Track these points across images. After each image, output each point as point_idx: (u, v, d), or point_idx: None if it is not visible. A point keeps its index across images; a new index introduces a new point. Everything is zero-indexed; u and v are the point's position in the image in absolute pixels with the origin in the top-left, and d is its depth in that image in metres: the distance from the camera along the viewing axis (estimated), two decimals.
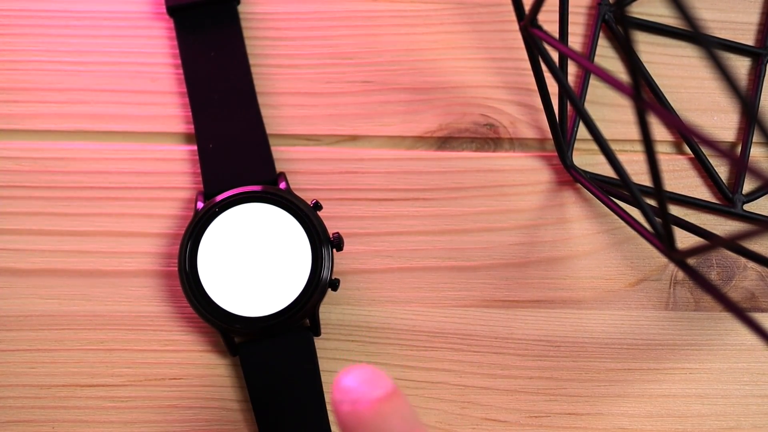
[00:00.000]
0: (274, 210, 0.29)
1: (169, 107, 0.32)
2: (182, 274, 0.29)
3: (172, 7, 0.31)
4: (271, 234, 0.29)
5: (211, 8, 0.31)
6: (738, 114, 0.33)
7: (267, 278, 0.29)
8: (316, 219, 0.29)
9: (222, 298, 0.28)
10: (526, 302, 0.31)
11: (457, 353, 0.31)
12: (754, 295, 0.32)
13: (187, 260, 0.29)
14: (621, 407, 0.31)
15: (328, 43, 0.33)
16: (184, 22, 0.31)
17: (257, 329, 0.28)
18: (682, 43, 0.33)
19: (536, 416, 0.30)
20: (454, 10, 0.33)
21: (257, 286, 0.29)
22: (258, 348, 0.29)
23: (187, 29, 0.31)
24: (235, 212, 0.29)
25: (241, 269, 0.29)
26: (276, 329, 0.29)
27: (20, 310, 0.30)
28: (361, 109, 0.32)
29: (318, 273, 0.29)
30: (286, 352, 0.29)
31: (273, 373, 0.29)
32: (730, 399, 0.31)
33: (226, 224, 0.29)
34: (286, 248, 0.29)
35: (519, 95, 0.33)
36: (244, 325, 0.28)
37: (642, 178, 0.32)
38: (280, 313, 0.28)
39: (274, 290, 0.29)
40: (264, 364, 0.29)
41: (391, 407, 0.21)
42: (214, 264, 0.29)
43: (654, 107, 0.20)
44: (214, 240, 0.29)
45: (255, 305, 0.28)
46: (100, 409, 0.30)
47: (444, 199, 0.32)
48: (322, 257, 0.29)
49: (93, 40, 0.32)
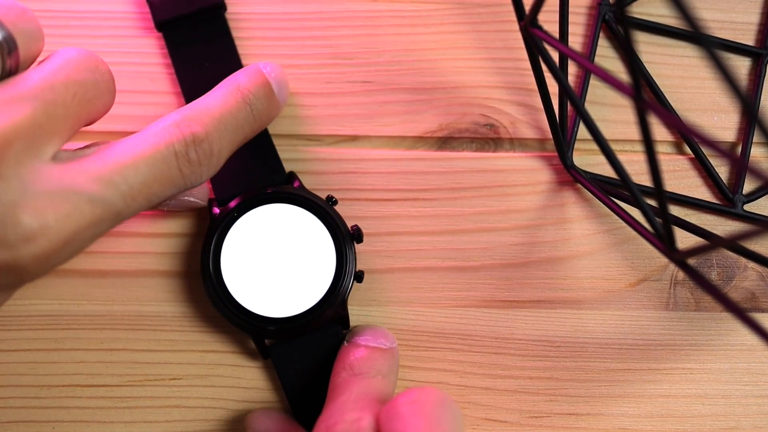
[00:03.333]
0: (291, 209, 0.29)
1: (169, 107, 0.32)
2: (208, 282, 0.28)
3: (160, 21, 0.31)
4: (292, 233, 0.29)
5: (199, 18, 0.31)
6: (738, 114, 0.33)
7: (294, 277, 0.29)
8: (335, 213, 0.29)
9: (251, 302, 0.28)
10: (527, 302, 0.31)
11: (457, 353, 0.31)
12: (754, 295, 0.32)
13: (212, 268, 0.28)
14: (621, 407, 0.31)
15: (328, 43, 0.33)
16: (174, 35, 0.31)
17: (290, 329, 0.28)
18: (682, 43, 0.33)
19: (536, 416, 0.30)
20: (454, 10, 0.33)
21: (285, 285, 0.29)
22: (290, 348, 0.29)
23: (177, 43, 0.31)
24: (254, 215, 0.29)
25: (267, 271, 0.29)
26: (308, 327, 0.29)
27: (20, 310, 0.30)
28: (362, 109, 0.32)
29: (344, 266, 0.29)
30: (318, 349, 0.29)
31: (307, 371, 0.29)
32: (730, 399, 0.31)
33: (246, 228, 0.29)
34: (308, 245, 0.29)
35: (519, 95, 0.33)
36: (277, 326, 0.28)
37: (642, 178, 0.32)
38: (311, 310, 0.28)
39: (303, 288, 0.29)
40: (297, 363, 0.29)
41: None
42: (239, 269, 0.29)
43: (654, 107, 0.20)
44: (235, 245, 0.29)
45: (285, 305, 0.28)
46: (100, 409, 0.30)
47: (444, 199, 0.32)
48: (346, 250, 0.29)
49: (93, 40, 0.32)
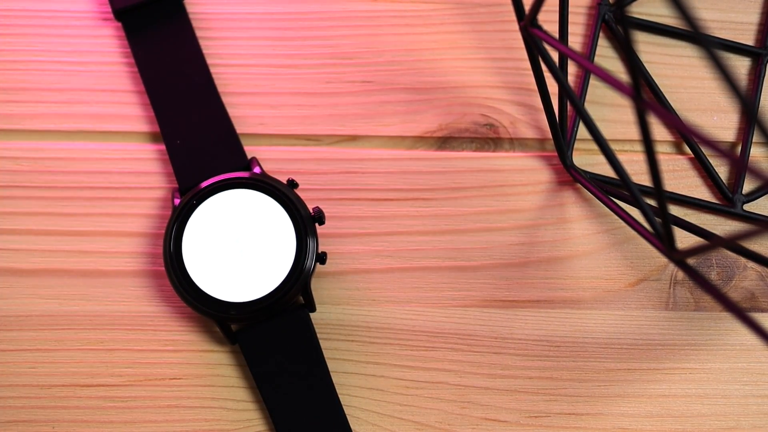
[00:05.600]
0: (251, 194, 0.29)
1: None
2: (170, 271, 0.29)
3: (118, 10, 0.31)
4: (253, 217, 0.29)
5: (157, 6, 0.32)
6: (738, 114, 0.33)
7: (255, 261, 0.29)
8: (295, 196, 0.29)
9: (213, 288, 0.29)
10: (526, 302, 0.31)
11: (457, 353, 0.31)
12: (754, 295, 0.32)
13: (173, 257, 0.29)
14: (621, 407, 0.31)
15: (328, 43, 0.33)
16: (133, 24, 0.31)
17: (253, 313, 0.29)
18: (682, 43, 0.33)
19: (536, 416, 0.30)
20: (454, 10, 0.33)
21: (246, 270, 0.29)
22: (256, 333, 0.29)
23: (136, 31, 0.31)
24: (213, 202, 0.29)
25: (227, 256, 0.29)
26: (271, 310, 0.29)
27: (20, 310, 0.30)
28: (361, 109, 0.32)
29: (304, 248, 0.29)
30: (284, 333, 0.29)
31: (275, 355, 0.29)
32: (730, 399, 0.31)
33: (206, 215, 0.29)
34: (269, 229, 0.29)
35: (519, 95, 0.33)
36: (239, 310, 0.29)
37: (642, 178, 0.32)
38: (272, 294, 0.29)
39: (264, 272, 0.29)
40: (264, 347, 0.29)
41: None
42: (200, 256, 0.29)
43: (654, 107, 0.20)
44: (196, 232, 0.29)
45: (247, 290, 0.29)
46: (100, 409, 0.30)
47: (444, 199, 0.32)
48: (306, 232, 0.29)
49: (93, 40, 0.32)
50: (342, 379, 0.30)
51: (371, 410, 0.30)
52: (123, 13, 0.31)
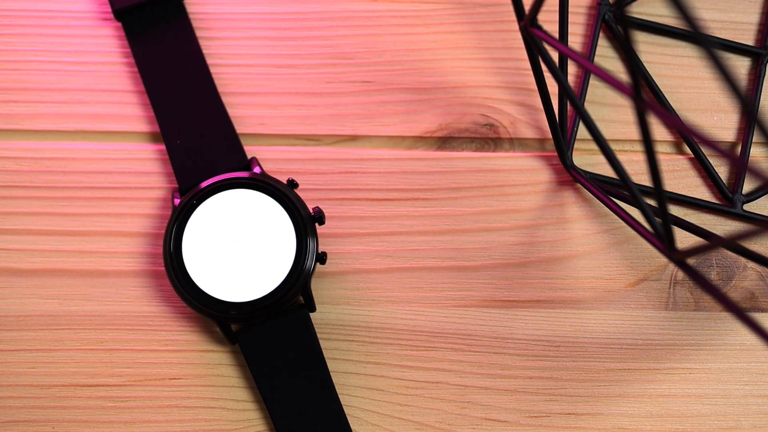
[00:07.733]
0: (251, 194, 0.29)
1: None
2: (170, 271, 0.29)
3: (118, 10, 0.31)
4: (253, 217, 0.29)
5: (157, 6, 0.32)
6: (738, 114, 0.33)
7: (255, 261, 0.29)
8: (295, 196, 0.29)
9: (213, 288, 0.29)
10: (526, 302, 0.31)
11: (457, 353, 0.31)
12: (754, 295, 0.32)
13: (173, 257, 0.29)
14: (621, 407, 0.31)
15: (328, 43, 0.33)
16: (133, 24, 0.32)
17: (253, 313, 0.29)
18: (682, 43, 0.33)
19: (536, 416, 0.30)
20: (454, 10, 0.33)
21: (246, 270, 0.29)
22: (256, 333, 0.29)
23: (136, 31, 0.31)
24: (213, 202, 0.29)
25: (227, 256, 0.29)
26: (271, 310, 0.29)
27: (20, 310, 0.30)
28: (361, 109, 0.32)
29: (304, 248, 0.29)
30: (284, 333, 0.29)
31: (275, 355, 0.29)
32: (729, 399, 0.31)
33: (206, 215, 0.29)
34: (269, 229, 0.29)
35: (519, 95, 0.33)
36: (239, 310, 0.29)
37: (642, 178, 0.32)
38: (272, 294, 0.29)
39: (264, 272, 0.29)
40: (264, 347, 0.29)
41: None
42: (200, 256, 0.29)
43: (654, 107, 0.20)
44: (196, 232, 0.29)
45: (247, 289, 0.29)
46: (100, 409, 0.30)
47: (444, 199, 0.32)
48: (306, 232, 0.29)
49: (93, 40, 0.32)
50: (342, 379, 0.30)
51: (371, 410, 0.30)
52: (123, 13, 0.31)
